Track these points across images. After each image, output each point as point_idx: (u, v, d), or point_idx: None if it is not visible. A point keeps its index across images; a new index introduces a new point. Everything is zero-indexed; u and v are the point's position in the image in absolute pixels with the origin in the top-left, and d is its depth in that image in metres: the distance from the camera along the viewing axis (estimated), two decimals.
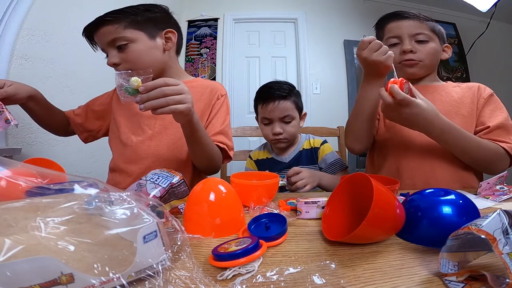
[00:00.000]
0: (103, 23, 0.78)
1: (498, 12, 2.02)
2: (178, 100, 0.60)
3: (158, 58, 0.85)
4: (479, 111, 0.85)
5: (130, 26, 0.79)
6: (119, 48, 0.79)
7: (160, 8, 0.86)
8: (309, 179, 0.86)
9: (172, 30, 0.86)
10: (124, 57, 0.79)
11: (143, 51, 0.80)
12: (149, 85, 0.58)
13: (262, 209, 0.59)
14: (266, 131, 1.07)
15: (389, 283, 0.33)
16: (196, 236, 0.46)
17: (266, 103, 1.04)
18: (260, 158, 1.16)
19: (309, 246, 0.43)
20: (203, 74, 2.86)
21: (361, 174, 0.47)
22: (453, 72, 2.86)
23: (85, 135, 0.97)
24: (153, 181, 0.55)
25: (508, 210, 0.30)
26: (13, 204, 0.32)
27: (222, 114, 0.90)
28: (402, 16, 0.86)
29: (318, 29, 2.91)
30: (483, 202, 0.62)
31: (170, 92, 0.59)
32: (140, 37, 0.80)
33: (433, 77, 0.93)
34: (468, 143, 0.75)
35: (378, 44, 0.71)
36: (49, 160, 0.70)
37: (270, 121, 1.06)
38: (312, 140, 1.14)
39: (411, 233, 0.44)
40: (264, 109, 1.05)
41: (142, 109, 0.58)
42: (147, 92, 0.58)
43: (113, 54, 0.79)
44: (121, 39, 0.78)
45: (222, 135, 0.87)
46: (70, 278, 0.26)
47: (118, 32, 0.77)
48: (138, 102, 0.58)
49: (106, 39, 0.79)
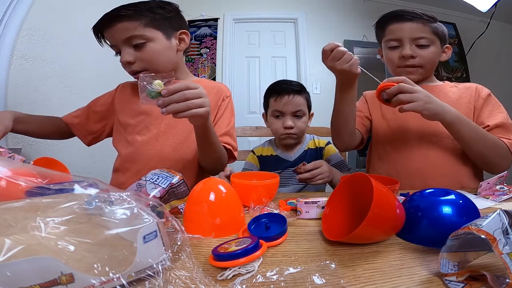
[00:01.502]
0: (120, 18, 0.74)
1: (498, 12, 2.02)
2: (198, 104, 0.60)
3: (172, 58, 0.84)
4: (477, 112, 0.85)
5: (150, 25, 0.77)
6: (136, 46, 0.77)
7: (172, 6, 0.84)
8: (325, 174, 0.88)
9: (186, 31, 0.86)
10: (140, 55, 0.78)
11: (159, 51, 0.79)
12: (172, 88, 0.58)
13: (262, 209, 0.59)
14: (276, 125, 1.07)
15: (389, 283, 0.33)
16: (196, 236, 0.46)
17: (281, 96, 1.05)
18: (264, 155, 1.16)
19: (309, 246, 0.43)
20: (203, 74, 2.86)
21: (361, 174, 0.47)
22: (453, 72, 2.86)
23: (89, 138, 0.96)
24: (153, 181, 0.54)
25: (508, 210, 0.30)
26: (13, 204, 0.32)
27: (228, 116, 0.91)
28: (405, 18, 0.83)
29: (318, 29, 2.91)
30: (483, 202, 0.62)
31: (192, 96, 0.59)
32: (158, 36, 0.79)
33: (430, 78, 0.93)
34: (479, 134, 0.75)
35: (340, 52, 0.68)
36: (54, 159, 0.70)
37: (281, 115, 1.06)
38: (317, 140, 1.15)
39: (411, 233, 0.44)
40: (277, 102, 1.05)
41: (164, 112, 0.58)
42: (169, 96, 0.57)
43: (127, 52, 0.77)
44: (140, 37, 0.76)
45: (228, 136, 0.88)
46: (70, 278, 0.26)
47: (138, 30, 0.75)
48: (160, 105, 0.58)
49: (123, 36, 0.76)
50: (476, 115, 0.85)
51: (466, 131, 0.74)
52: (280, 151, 1.14)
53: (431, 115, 0.71)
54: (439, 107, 0.71)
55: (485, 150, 0.76)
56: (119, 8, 0.75)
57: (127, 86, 0.95)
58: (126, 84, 0.96)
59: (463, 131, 0.74)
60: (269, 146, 1.18)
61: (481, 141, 0.75)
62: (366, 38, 2.80)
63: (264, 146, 1.19)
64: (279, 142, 1.13)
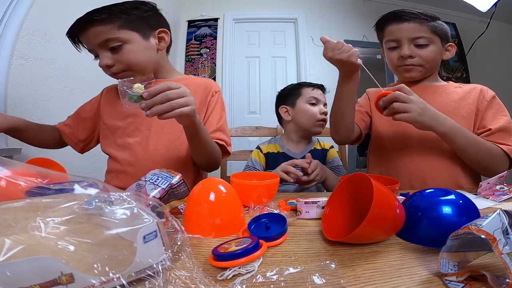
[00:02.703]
0: (93, 23, 0.73)
1: (498, 12, 2.02)
2: (182, 103, 0.60)
3: (153, 58, 0.83)
4: (481, 114, 0.84)
5: (124, 27, 0.76)
6: (112, 49, 0.76)
7: (149, 6, 0.82)
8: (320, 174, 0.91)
9: (165, 30, 0.85)
10: (118, 58, 0.77)
11: (137, 52, 0.78)
12: (153, 90, 0.57)
13: (262, 209, 0.59)
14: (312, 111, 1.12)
15: (389, 283, 0.33)
16: (196, 236, 0.46)
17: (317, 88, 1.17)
18: (270, 152, 1.16)
19: (309, 246, 0.43)
20: (203, 74, 2.86)
21: (361, 174, 0.47)
22: (453, 72, 2.86)
23: (81, 146, 0.95)
24: (153, 181, 0.54)
25: (508, 210, 0.30)
26: (13, 204, 0.32)
27: (218, 111, 0.90)
28: (402, 18, 0.84)
29: (318, 29, 2.90)
30: (483, 202, 0.62)
31: (174, 96, 0.59)
32: (134, 37, 0.78)
33: (434, 78, 0.93)
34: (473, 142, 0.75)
35: (340, 43, 0.71)
36: (50, 160, 0.70)
37: (317, 102, 1.14)
38: (322, 143, 1.21)
39: (411, 233, 0.44)
40: (314, 91, 1.15)
41: (149, 115, 0.58)
42: (151, 98, 0.57)
43: (105, 55, 0.76)
44: (115, 40, 0.75)
45: (220, 132, 0.87)
46: (70, 278, 0.26)
47: (112, 33, 0.74)
48: (144, 108, 0.58)
49: (98, 40, 0.75)
50: (479, 117, 0.85)
51: (459, 141, 0.75)
52: (288, 149, 1.15)
53: (423, 127, 0.72)
54: (432, 120, 0.72)
55: (480, 157, 0.77)
56: (92, 12, 0.74)
57: (112, 89, 0.94)
58: (111, 88, 0.95)
59: (457, 141, 0.75)
60: (275, 143, 1.18)
61: (475, 149, 0.76)
62: (366, 38, 2.80)
63: (271, 143, 1.19)
64: (312, 129, 1.13)
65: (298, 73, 2.91)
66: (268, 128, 1.38)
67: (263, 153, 1.16)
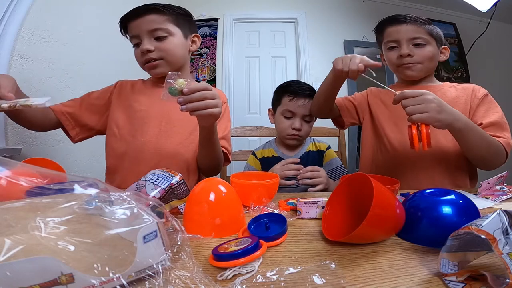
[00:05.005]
0: (150, 11, 0.83)
1: (498, 12, 2.02)
2: (214, 104, 0.64)
3: (185, 56, 0.92)
4: (473, 111, 0.86)
5: (173, 22, 0.86)
6: (158, 38, 0.84)
7: (189, 13, 0.94)
8: (323, 180, 0.91)
9: (198, 35, 0.96)
10: (160, 46, 0.84)
11: (177, 45, 0.88)
12: (193, 87, 0.61)
13: (262, 209, 0.59)
14: (284, 125, 1.08)
15: (389, 283, 0.33)
16: (196, 236, 0.46)
17: (298, 98, 1.06)
18: (265, 156, 1.16)
19: (309, 246, 0.43)
20: (203, 74, 2.86)
21: (361, 174, 0.47)
22: (453, 72, 2.86)
23: (77, 130, 0.89)
24: (153, 181, 0.54)
25: (508, 210, 0.30)
26: (13, 204, 0.32)
27: (224, 121, 0.95)
28: (400, 20, 0.89)
29: (318, 29, 2.91)
30: (483, 202, 0.62)
31: (210, 96, 0.63)
32: (177, 33, 0.88)
33: (430, 78, 0.96)
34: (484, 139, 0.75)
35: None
36: (48, 160, 0.69)
37: (292, 116, 1.07)
38: (318, 144, 1.17)
39: (411, 233, 0.44)
40: (292, 103, 1.06)
41: (184, 109, 0.62)
42: (190, 94, 0.61)
43: (149, 41, 0.84)
44: (164, 30, 0.84)
45: (225, 140, 0.92)
46: (70, 278, 0.26)
47: (163, 24, 0.84)
48: (181, 103, 0.61)
49: (149, 27, 0.83)
50: (471, 114, 0.86)
51: (472, 137, 0.73)
52: (282, 152, 1.14)
53: (443, 126, 0.68)
54: (450, 116, 0.68)
55: (487, 155, 0.77)
56: (150, 4, 0.84)
57: (126, 84, 0.95)
58: (125, 82, 0.96)
59: (470, 137, 0.73)
60: (269, 147, 1.18)
61: (485, 146, 0.75)
62: (366, 38, 2.80)
63: (265, 147, 1.19)
64: (283, 141, 1.13)
65: (298, 73, 2.90)
66: (268, 128, 1.38)
67: (258, 158, 1.16)
